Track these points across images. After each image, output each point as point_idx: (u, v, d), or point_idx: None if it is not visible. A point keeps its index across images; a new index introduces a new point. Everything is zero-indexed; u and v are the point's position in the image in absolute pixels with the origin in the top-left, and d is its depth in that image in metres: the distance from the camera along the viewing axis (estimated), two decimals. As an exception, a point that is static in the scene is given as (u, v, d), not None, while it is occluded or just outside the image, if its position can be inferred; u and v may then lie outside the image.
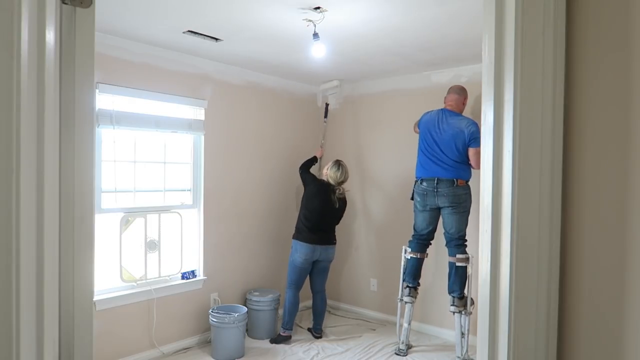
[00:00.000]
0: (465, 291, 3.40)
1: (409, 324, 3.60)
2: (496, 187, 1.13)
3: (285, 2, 2.48)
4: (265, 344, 3.82)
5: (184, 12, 2.68)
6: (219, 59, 3.77)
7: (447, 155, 3.41)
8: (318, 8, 2.56)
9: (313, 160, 4.23)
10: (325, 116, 4.66)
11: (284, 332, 3.83)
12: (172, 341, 3.59)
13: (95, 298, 3.06)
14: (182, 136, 3.70)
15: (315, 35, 2.78)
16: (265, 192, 4.35)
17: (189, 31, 3.01)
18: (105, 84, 3.14)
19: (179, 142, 3.74)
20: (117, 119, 3.20)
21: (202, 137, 3.79)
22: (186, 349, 3.59)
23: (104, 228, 3.28)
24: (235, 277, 4.08)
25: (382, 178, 4.41)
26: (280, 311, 4.30)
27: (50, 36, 0.77)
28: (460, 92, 3.53)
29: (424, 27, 2.87)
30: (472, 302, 3.42)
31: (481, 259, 1.18)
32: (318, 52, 3.05)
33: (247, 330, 3.88)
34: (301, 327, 4.23)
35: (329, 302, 4.83)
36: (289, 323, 3.83)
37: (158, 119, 3.47)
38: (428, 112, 3.63)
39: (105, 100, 3.17)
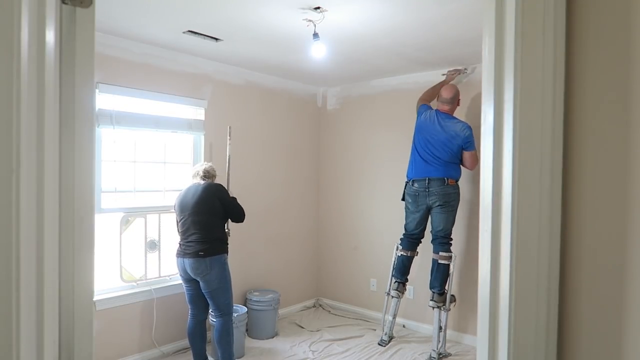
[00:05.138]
0: (446, 288, 3.53)
1: (394, 317, 3.78)
2: (496, 187, 1.13)
3: (285, 2, 2.48)
4: (266, 343, 3.82)
5: (184, 12, 2.68)
6: (219, 59, 3.77)
7: (440, 156, 3.50)
8: (318, 8, 2.56)
9: None
10: None
11: None
12: (172, 341, 3.59)
13: (95, 298, 3.06)
14: (182, 136, 3.71)
15: (315, 35, 2.79)
16: (265, 191, 4.35)
17: (189, 31, 3.02)
18: (105, 84, 3.14)
19: (179, 142, 3.74)
20: (117, 119, 3.20)
21: (202, 137, 3.79)
22: (186, 349, 3.59)
23: (104, 228, 3.29)
24: (236, 277, 4.07)
25: (382, 177, 4.41)
26: (281, 311, 4.30)
27: (50, 36, 0.77)
28: (454, 101, 3.58)
29: (424, 27, 2.87)
30: (454, 300, 3.61)
31: (481, 259, 1.18)
32: (318, 52, 3.05)
33: (247, 330, 3.88)
34: (301, 327, 4.23)
35: (328, 302, 4.83)
36: (195, 356, 3.20)
37: (158, 119, 3.47)
38: (424, 111, 3.67)
39: (105, 100, 3.17)
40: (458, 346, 3.81)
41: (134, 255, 3.46)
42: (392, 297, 3.73)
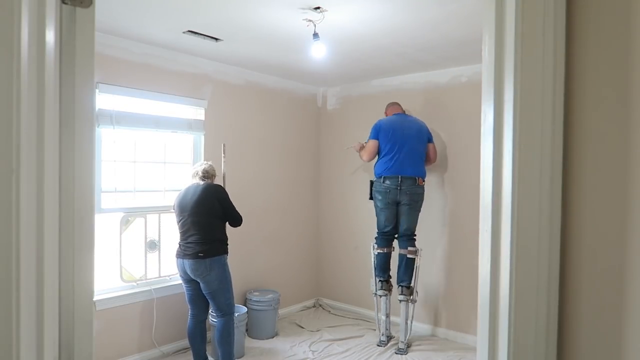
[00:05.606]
0: (412, 281, 3.70)
1: (387, 316, 3.84)
2: (496, 187, 1.13)
3: (285, 2, 2.48)
4: (266, 343, 3.82)
5: (183, 12, 2.68)
6: (219, 59, 3.77)
7: (413, 149, 3.66)
8: (318, 8, 2.56)
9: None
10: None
11: None
12: (172, 341, 3.59)
13: (95, 298, 3.06)
14: (182, 136, 3.71)
15: (315, 35, 2.79)
16: (264, 191, 4.36)
17: (189, 31, 3.02)
18: (105, 84, 3.14)
19: (179, 142, 3.74)
20: (117, 119, 3.20)
21: (202, 137, 3.79)
22: (186, 349, 3.59)
23: (104, 228, 3.29)
24: (235, 277, 4.07)
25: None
26: (281, 311, 4.30)
27: (50, 36, 0.77)
28: (399, 105, 3.91)
29: (424, 27, 2.87)
30: (416, 292, 3.78)
31: (481, 259, 1.18)
32: (318, 52, 3.05)
33: (247, 330, 3.88)
34: (301, 327, 4.23)
35: (328, 302, 4.83)
36: (194, 356, 3.22)
37: (158, 119, 3.47)
38: (383, 119, 3.87)
39: (105, 100, 3.17)
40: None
41: (134, 255, 3.46)
42: (380, 296, 3.83)
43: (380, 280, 3.84)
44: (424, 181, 3.71)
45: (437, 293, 4.08)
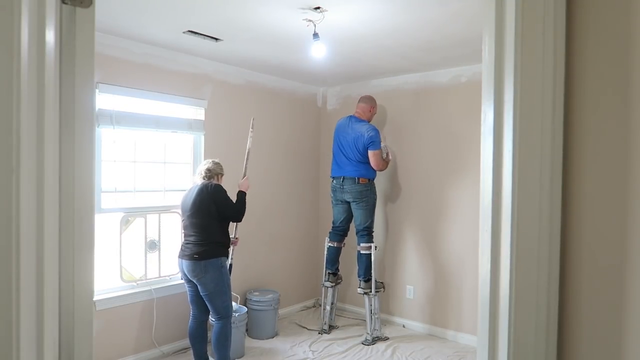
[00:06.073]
0: (372, 275, 3.85)
1: (330, 306, 4.10)
2: (496, 187, 1.13)
3: (285, 2, 2.48)
4: (266, 343, 3.82)
5: (184, 12, 2.68)
6: (219, 59, 3.77)
7: (350, 156, 3.89)
8: (318, 8, 2.56)
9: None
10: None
11: None
12: (172, 341, 3.59)
13: (95, 298, 3.06)
14: (182, 136, 3.71)
15: (315, 35, 2.79)
16: (265, 191, 4.35)
17: (189, 31, 3.02)
18: (105, 84, 3.14)
19: (179, 142, 3.74)
20: (117, 119, 3.20)
21: (202, 137, 3.79)
22: (186, 348, 3.59)
23: (104, 228, 3.29)
24: (236, 277, 4.07)
25: (381, 177, 4.41)
26: (281, 311, 4.30)
27: (50, 36, 0.77)
28: (366, 101, 4.00)
29: (424, 27, 2.87)
30: (382, 286, 4.01)
31: (481, 259, 1.18)
32: (318, 52, 3.05)
33: (247, 330, 3.88)
34: (302, 326, 4.23)
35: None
36: (195, 356, 3.22)
37: (158, 119, 3.47)
38: (340, 119, 4.09)
39: (105, 100, 3.17)
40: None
41: (134, 255, 3.46)
42: (327, 287, 4.07)
43: (328, 273, 4.09)
44: (367, 180, 3.88)
45: (437, 293, 4.09)
